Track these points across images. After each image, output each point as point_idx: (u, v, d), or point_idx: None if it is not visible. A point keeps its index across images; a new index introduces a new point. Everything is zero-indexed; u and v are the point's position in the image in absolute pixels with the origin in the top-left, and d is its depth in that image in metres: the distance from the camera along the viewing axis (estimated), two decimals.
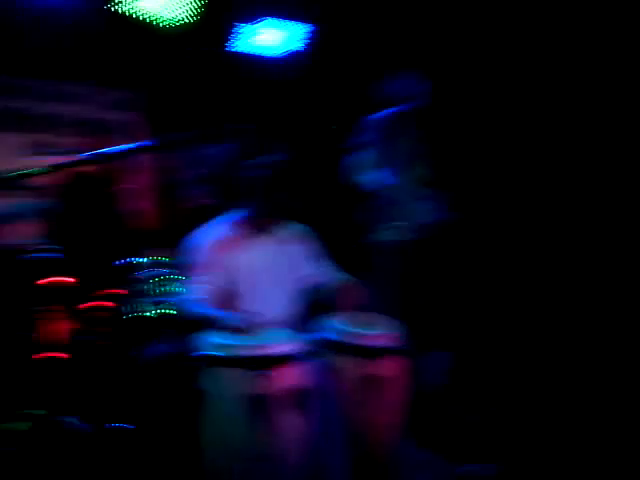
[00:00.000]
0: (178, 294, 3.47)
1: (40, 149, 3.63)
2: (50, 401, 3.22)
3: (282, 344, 2.27)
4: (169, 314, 3.41)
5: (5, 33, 4.43)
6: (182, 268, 2.87)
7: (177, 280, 3.54)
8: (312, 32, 5.08)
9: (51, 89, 5.00)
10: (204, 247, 2.66)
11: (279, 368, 2.19)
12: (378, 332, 2.55)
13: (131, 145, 2.73)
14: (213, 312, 2.45)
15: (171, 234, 4.19)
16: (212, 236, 2.70)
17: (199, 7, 4.59)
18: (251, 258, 2.65)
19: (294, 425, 2.23)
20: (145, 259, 3.62)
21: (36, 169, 2.52)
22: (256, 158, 2.67)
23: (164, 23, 4.60)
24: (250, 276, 2.62)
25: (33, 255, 3.59)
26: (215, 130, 4.93)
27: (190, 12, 4.62)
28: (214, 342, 2.27)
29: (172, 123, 4.95)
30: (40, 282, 3.53)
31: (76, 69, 4.84)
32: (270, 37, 5.13)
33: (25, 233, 3.89)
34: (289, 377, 2.22)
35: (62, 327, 3.51)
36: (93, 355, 3.45)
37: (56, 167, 2.55)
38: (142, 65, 4.92)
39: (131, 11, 4.44)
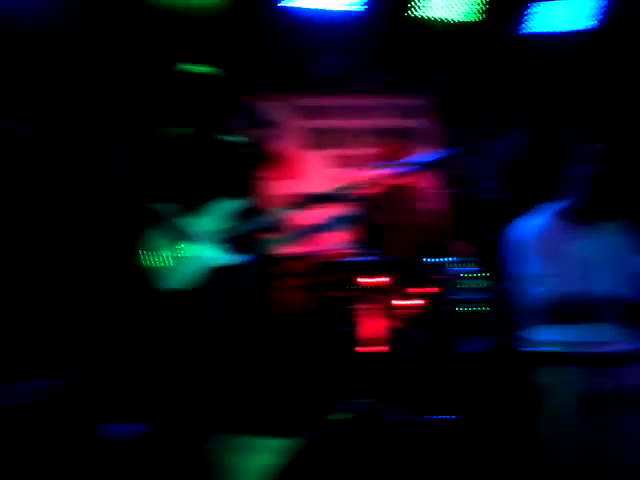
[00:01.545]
0: (488, 290, 3.54)
1: (371, 163, 3.99)
2: (372, 393, 3.49)
3: (619, 342, 2.20)
4: (481, 310, 3.49)
5: (302, 58, 4.97)
6: (490, 263, 2.92)
7: (485, 276, 3.60)
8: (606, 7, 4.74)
9: (350, 104, 5.38)
10: (525, 240, 2.67)
11: (617, 367, 2.14)
12: None
13: (443, 153, 2.85)
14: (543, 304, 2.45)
15: (468, 230, 4.28)
16: (533, 228, 2.69)
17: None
18: (577, 250, 2.58)
19: (631, 425, 2.16)
20: (451, 257, 3.75)
21: (362, 183, 2.79)
22: (586, 149, 2.59)
23: (455, 21, 4.69)
24: (578, 268, 2.57)
25: (353, 259, 3.92)
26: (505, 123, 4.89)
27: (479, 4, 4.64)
28: (548, 338, 2.28)
29: (465, 122, 5.02)
30: (359, 283, 3.83)
31: (370, 82, 5.20)
32: (560, 14, 4.88)
33: (342, 239, 4.28)
34: (627, 376, 2.16)
35: (381, 324, 3.78)
36: (410, 350, 3.67)
37: (377, 179, 2.80)
38: (434, 69, 5.07)
39: (426, 14, 4.61)
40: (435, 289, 3.69)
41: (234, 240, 3.10)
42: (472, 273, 3.71)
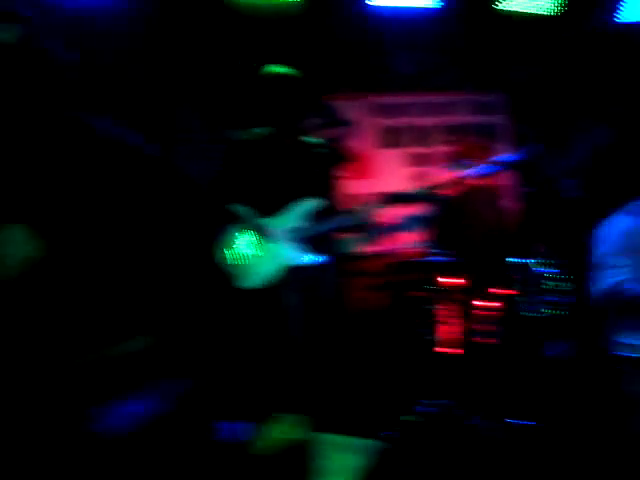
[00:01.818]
0: (571, 292, 3.43)
1: (450, 163, 3.95)
2: (451, 395, 3.44)
3: None
4: (564, 313, 3.38)
5: (379, 56, 4.94)
6: (573, 264, 2.82)
7: (568, 278, 3.49)
8: None
9: (427, 101, 5.32)
10: (612, 239, 2.57)
11: None
12: None
13: (524, 152, 2.78)
14: None
15: (549, 230, 4.15)
16: (620, 228, 2.59)
17: None
18: None
19: None
20: (533, 258, 3.64)
21: (442, 183, 2.75)
22: None
23: (536, 14, 4.58)
24: None
25: (428, 259, 3.88)
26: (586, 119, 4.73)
27: None
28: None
29: (544, 119, 4.89)
30: (436, 283, 3.79)
31: (448, 79, 5.13)
32: None
33: (420, 239, 4.25)
34: None
35: (457, 325, 3.72)
36: (488, 353, 3.59)
37: (458, 179, 2.75)
38: (513, 64, 4.96)
39: (506, 8, 4.51)
40: (516, 291, 3.60)
41: (312, 239, 3.12)
42: (555, 274, 3.60)
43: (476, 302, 3.72)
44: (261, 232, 3.09)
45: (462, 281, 3.74)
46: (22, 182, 1.66)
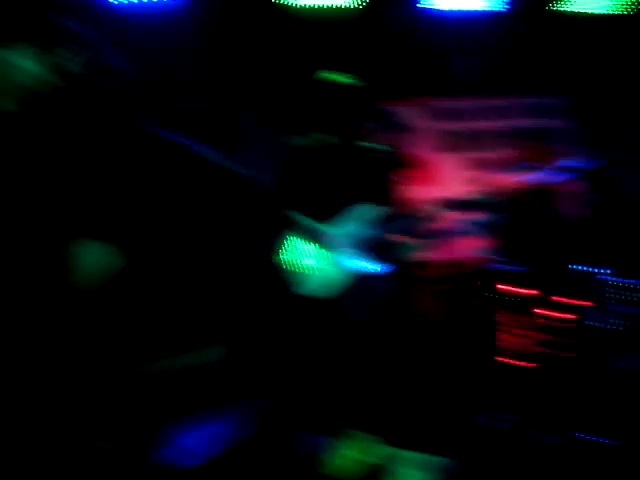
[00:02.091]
0: None
1: (514, 168, 3.86)
2: (514, 409, 3.32)
3: None
4: (633, 325, 3.22)
5: (439, 59, 4.87)
6: None
7: (637, 288, 3.33)
8: None
9: (488, 105, 5.24)
10: None
11: None
12: None
13: (595, 160, 2.67)
14: None
15: (619, 238, 3.98)
16: None
17: None
18: None
19: None
20: (603, 267, 3.49)
21: (506, 188, 2.66)
22: None
23: (600, 14, 4.43)
24: None
25: (495, 266, 3.77)
26: None
27: None
28: None
29: (607, 122, 4.72)
30: (500, 292, 3.68)
31: (509, 82, 5.01)
32: None
33: (483, 246, 4.14)
34: None
35: (522, 336, 3.60)
36: (555, 365, 3.46)
37: (523, 185, 2.65)
38: (572, 66, 4.82)
39: (568, 9, 4.38)
40: (585, 301, 3.45)
41: (372, 246, 3.07)
42: (625, 284, 3.43)
43: (543, 312, 3.60)
44: (320, 238, 3.06)
45: (527, 290, 3.62)
46: (101, 196, 1.69)
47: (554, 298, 3.59)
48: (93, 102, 1.80)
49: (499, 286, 3.67)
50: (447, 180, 4.95)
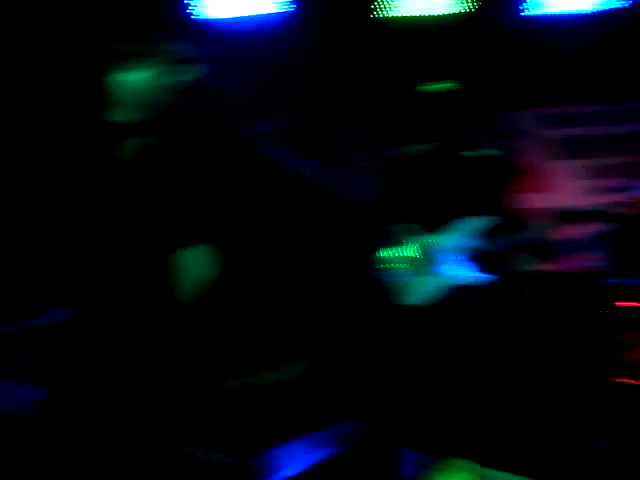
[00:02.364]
0: None
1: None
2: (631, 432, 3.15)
3: None
4: None
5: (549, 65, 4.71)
6: None
7: None
8: None
9: (603, 110, 5.03)
10: None
11: None
12: None
13: None
14: None
15: None
16: None
17: None
18: None
19: None
20: None
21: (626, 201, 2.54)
22: None
23: None
24: None
25: (609, 280, 3.62)
26: None
27: None
28: None
29: None
30: (620, 308, 3.52)
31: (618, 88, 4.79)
32: None
33: (596, 259, 3.98)
34: None
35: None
36: None
37: None
38: None
39: None
40: None
41: (483, 258, 3.01)
42: None
43: None
44: (425, 250, 3.04)
45: None
46: (202, 205, 1.76)
47: None
48: (202, 119, 1.88)
49: (617, 301, 3.51)
50: (562, 189, 4.80)
